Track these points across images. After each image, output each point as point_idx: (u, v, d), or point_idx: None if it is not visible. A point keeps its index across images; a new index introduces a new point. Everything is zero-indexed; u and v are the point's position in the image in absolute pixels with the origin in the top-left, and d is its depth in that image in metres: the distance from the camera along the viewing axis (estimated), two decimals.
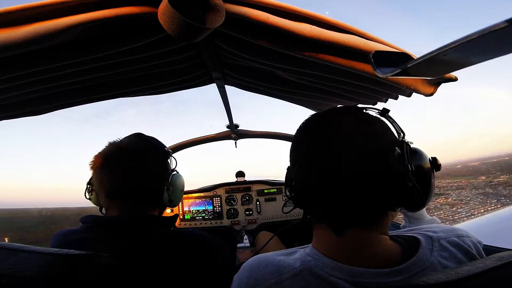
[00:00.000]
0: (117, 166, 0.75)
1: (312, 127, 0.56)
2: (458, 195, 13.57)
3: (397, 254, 0.49)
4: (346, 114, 0.53)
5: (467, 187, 14.52)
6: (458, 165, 19.36)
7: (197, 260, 0.71)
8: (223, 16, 0.55)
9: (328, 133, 0.50)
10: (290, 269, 0.49)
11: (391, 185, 0.46)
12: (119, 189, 0.75)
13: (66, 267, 0.52)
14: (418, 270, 0.46)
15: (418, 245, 0.50)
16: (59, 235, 0.73)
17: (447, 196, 13.23)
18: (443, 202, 12.97)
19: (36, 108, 0.93)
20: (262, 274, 0.50)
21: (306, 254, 0.51)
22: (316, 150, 0.50)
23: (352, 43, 0.60)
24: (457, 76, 0.66)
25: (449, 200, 13.26)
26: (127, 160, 0.75)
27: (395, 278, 0.45)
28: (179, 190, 0.87)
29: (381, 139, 0.49)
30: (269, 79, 1.06)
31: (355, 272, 0.46)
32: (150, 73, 0.94)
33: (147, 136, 0.87)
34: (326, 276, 0.46)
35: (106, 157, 0.76)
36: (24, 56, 0.58)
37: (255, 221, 2.10)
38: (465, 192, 14.02)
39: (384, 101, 1.05)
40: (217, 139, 2.13)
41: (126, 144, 0.80)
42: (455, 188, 14.05)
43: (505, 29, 0.27)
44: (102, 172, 0.75)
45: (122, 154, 0.76)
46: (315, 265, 0.48)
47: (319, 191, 0.49)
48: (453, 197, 13.40)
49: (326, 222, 0.51)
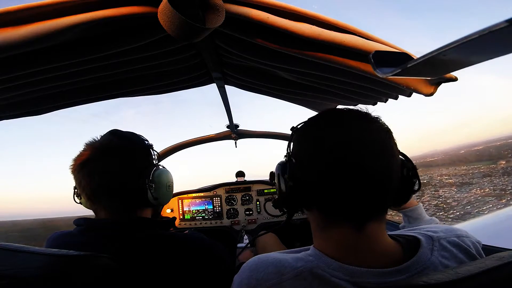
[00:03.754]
0: (93, 167, 0.72)
1: (330, 121, 0.54)
2: (491, 183, 12.53)
3: (398, 253, 0.50)
4: (360, 113, 0.55)
5: (493, 174, 13.61)
6: (461, 150, 18.99)
7: (188, 262, 0.70)
8: (223, 16, 0.55)
9: (363, 125, 0.51)
10: (291, 269, 0.49)
11: (397, 183, 0.50)
12: (97, 189, 0.73)
13: (65, 268, 0.52)
14: (419, 269, 0.46)
15: (418, 244, 0.50)
16: (53, 238, 0.73)
17: (482, 186, 12.15)
18: (482, 193, 11.66)
19: (36, 108, 0.93)
20: (262, 275, 0.50)
21: (308, 255, 0.51)
22: (338, 142, 0.49)
23: (352, 43, 0.60)
24: (457, 76, 0.66)
25: (488, 191, 12.05)
26: (101, 159, 0.73)
27: (396, 278, 0.45)
28: (164, 186, 0.81)
29: (390, 141, 0.52)
30: (269, 79, 1.06)
31: (357, 273, 0.46)
32: (150, 73, 0.95)
33: (124, 132, 0.82)
34: (328, 277, 0.46)
35: (81, 159, 0.74)
36: (24, 56, 0.58)
37: (255, 221, 2.10)
38: (496, 179, 13.04)
39: (384, 101, 1.05)
40: (217, 139, 2.13)
41: (100, 143, 0.76)
42: (480, 176, 13.25)
43: (505, 29, 0.27)
44: (79, 175, 0.74)
45: (96, 154, 0.73)
46: (316, 266, 0.48)
47: (344, 183, 0.48)
48: (489, 187, 12.33)
49: (346, 217, 0.50)
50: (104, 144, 0.76)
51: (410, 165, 0.55)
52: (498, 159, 15.54)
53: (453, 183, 13.72)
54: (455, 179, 13.84)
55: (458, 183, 13.43)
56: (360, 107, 0.56)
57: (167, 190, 0.83)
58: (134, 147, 0.79)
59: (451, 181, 13.95)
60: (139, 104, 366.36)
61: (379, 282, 0.44)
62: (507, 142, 18.63)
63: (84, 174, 0.73)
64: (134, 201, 0.77)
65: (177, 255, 0.70)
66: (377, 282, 0.45)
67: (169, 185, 0.85)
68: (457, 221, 10.57)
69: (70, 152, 0.84)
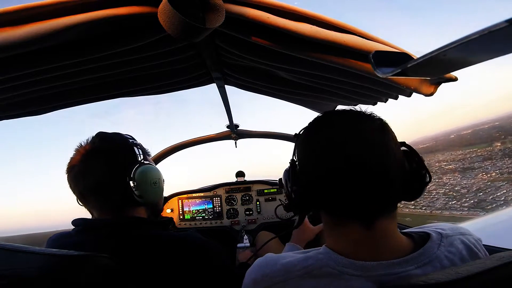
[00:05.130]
0: (77, 170, 0.76)
1: (322, 125, 0.57)
2: (495, 166, 12.17)
3: (409, 247, 0.51)
4: (363, 114, 0.56)
5: (493, 157, 13.36)
6: (451, 135, 19.01)
7: (183, 261, 0.71)
8: (223, 16, 0.55)
9: (358, 124, 0.52)
10: (300, 267, 0.50)
11: (401, 176, 0.51)
12: (83, 191, 0.76)
13: (65, 268, 0.52)
14: (426, 261, 0.47)
15: (428, 239, 0.52)
16: (52, 239, 0.74)
17: (486, 170, 11.80)
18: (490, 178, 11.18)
19: (36, 108, 0.93)
20: (269, 271, 0.52)
21: (319, 253, 0.52)
22: (331, 144, 0.51)
23: (352, 43, 0.60)
24: (457, 76, 0.66)
25: (495, 175, 11.59)
26: (84, 162, 0.76)
27: (405, 268, 0.46)
28: (148, 183, 0.79)
29: (385, 136, 0.53)
30: (269, 79, 1.06)
31: (368, 267, 0.47)
32: (150, 73, 0.95)
33: (108, 133, 0.83)
34: (338, 274, 0.47)
35: (69, 164, 0.78)
36: (24, 56, 0.58)
37: (255, 221, 2.10)
38: (498, 162, 12.74)
39: (384, 101, 1.05)
40: (217, 139, 2.13)
41: (83, 147, 0.79)
42: (481, 160, 12.96)
43: (505, 29, 0.27)
44: (68, 179, 0.78)
45: (79, 158, 0.77)
46: (326, 264, 0.49)
47: (347, 183, 0.49)
48: (494, 171, 11.97)
49: (354, 216, 0.51)
50: (86, 148, 0.78)
51: (416, 157, 0.55)
52: (491, 141, 15.40)
53: (455, 169, 13.47)
54: (455, 165, 13.64)
55: (460, 168, 13.20)
56: (360, 107, 0.57)
57: (152, 187, 0.80)
58: (115, 147, 0.80)
59: (451, 167, 13.74)
60: (139, 104, 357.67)
61: (389, 273, 0.46)
62: (494, 124, 18.67)
63: (71, 178, 0.77)
64: (120, 200, 0.77)
65: (172, 255, 0.70)
66: (387, 273, 0.46)
67: (154, 182, 0.81)
68: (474, 210, 10.21)
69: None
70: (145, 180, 0.78)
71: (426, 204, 11.32)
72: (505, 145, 14.15)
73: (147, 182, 0.79)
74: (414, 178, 0.54)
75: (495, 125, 17.87)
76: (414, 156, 0.55)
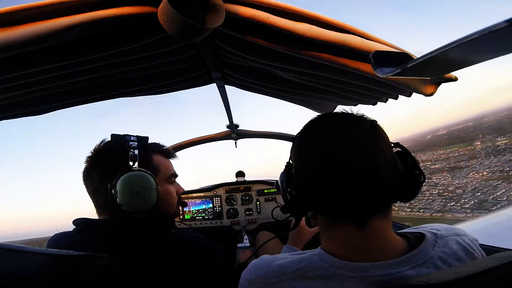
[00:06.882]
0: (83, 174, 0.82)
1: (312, 129, 0.58)
2: (483, 165, 12.27)
3: (404, 248, 0.51)
4: (356, 117, 0.56)
5: (478, 156, 13.57)
6: (427, 136, 19.23)
7: (182, 260, 0.71)
8: (223, 16, 0.55)
9: (347, 126, 0.53)
10: (294, 269, 0.50)
11: (392, 176, 0.51)
12: (89, 193, 0.82)
13: (65, 267, 0.52)
14: (420, 262, 0.47)
15: (423, 239, 0.51)
16: (53, 239, 0.75)
17: (475, 169, 11.88)
18: (482, 177, 11.24)
19: (36, 108, 0.93)
20: (263, 273, 0.52)
21: (313, 255, 0.52)
22: (320, 147, 0.52)
23: (352, 43, 0.60)
24: (457, 76, 0.66)
25: (486, 174, 11.57)
26: (86, 167, 0.82)
27: (399, 269, 0.46)
28: (128, 193, 0.74)
29: (374, 137, 0.53)
30: (269, 79, 1.06)
31: (362, 268, 0.47)
32: (150, 73, 0.94)
33: (113, 136, 0.82)
34: (332, 275, 0.47)
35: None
36: (24, 56, 0.58)
37: (255, 221, 2.10)
38: (485, 161, 12.92)
39: (384, 101, 1.05)
40: (217, 139, 2.13)
41: (91, 151, 0.84)
42: (466, 159, 13.12)
43: (505, 29, 0.27)
44: None
45: (86, 163, 0.83)
46: (320, 265, 0.49)
47: (337, 184, 0.50)
48: (484, 169, 12.09)
49: (346, 216, 0.51)
50: (91, 154, 0.83)
51: (408, 157, 0.55)
52: (470, 140, 15.63)
53: (441, 168, 13.56)
54: (440, 164, 13.75)
55: (447, 167, 13.33)
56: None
57: (133, 197, 0.74)
58: (106, 153, 0.82)
59: (437, 166, 13.83)
60: (139, 104, 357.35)
61: (382, 274, 0.45)
62: (467, 125, 18.98)
63: (83, 181, 0.83)
64: (113, 205, 0.76)
65: (172, 255, 0.70)
66: (381, 274, 0.45)
67: (136, 191, 0.75)
68: (478, 212, 10.10)
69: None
70: (126, 188, 0.74)
71: (423, 206, 11.29)
72: (486, 144, 14.36)
73: (126, 191, 0.74)
74: (408, 178, 0.54)
75: (468, 125, 18.13)
76: (408, 157, 0.55)
